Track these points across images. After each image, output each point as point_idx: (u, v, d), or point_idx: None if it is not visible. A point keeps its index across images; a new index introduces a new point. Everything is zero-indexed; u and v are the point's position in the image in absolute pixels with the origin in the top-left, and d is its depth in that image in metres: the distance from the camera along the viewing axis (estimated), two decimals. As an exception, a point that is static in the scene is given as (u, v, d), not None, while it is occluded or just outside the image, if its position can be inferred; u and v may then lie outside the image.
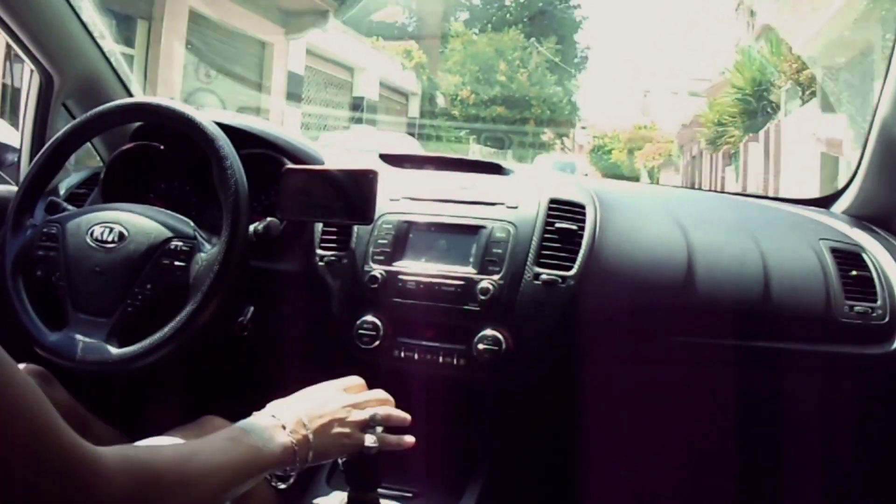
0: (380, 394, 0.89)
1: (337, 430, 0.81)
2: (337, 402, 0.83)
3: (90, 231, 1.05)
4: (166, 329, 0.99)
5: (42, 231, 1.08)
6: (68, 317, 1.03)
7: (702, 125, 15.98)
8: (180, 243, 1.03)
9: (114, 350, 0.99)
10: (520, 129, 21.10)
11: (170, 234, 1.04)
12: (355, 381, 0.89)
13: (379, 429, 0.84)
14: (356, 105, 14.05)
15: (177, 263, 1.02)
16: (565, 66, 23.15)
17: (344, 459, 0.84)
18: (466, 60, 21.20)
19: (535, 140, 21.54)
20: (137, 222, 1.05)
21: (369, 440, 0.82)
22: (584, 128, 26.77)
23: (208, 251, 1.03)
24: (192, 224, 1.07)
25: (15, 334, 1.01)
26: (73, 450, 0.58)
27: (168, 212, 1.09)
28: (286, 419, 0.78)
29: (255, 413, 0.80)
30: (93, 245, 1.04)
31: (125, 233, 1.04)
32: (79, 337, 1.01)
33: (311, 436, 0.78)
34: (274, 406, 0.81)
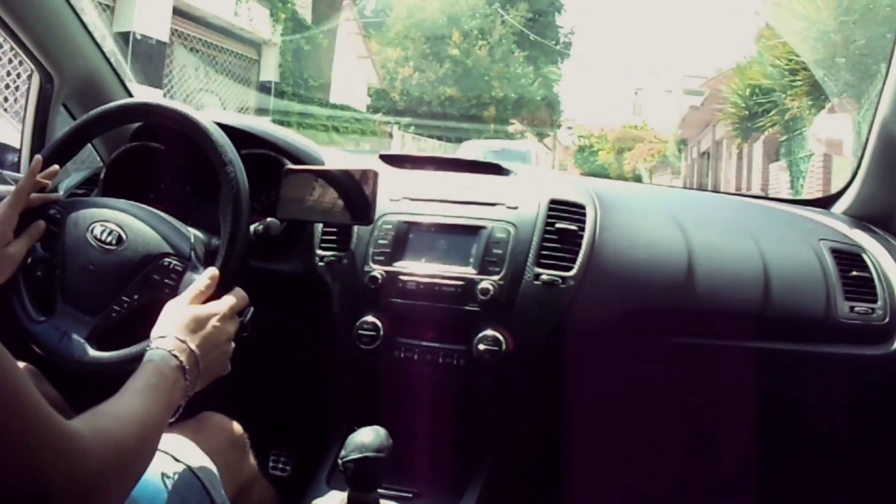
0: (230, 300, 0.94)
1: (218, 353, 0.90)
2: (210, 322, 0.89)
3: (91, 227, 1.04)
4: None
5: (46, 213, 1.07)
6: (56, 306, 1.03)
7: (723, 103, 10.47)
8: (175, 262, 1.02)
9: (91, 352, 0.99)
10: (475, 116, 16.32)
11: (167, 250, 1.03)
12: (204, 285, 0.94)
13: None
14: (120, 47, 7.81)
15: (166, 281, 1.01)
16: (542, 40, 18.86)
17: (344, 459, 0.84)
18: (410, 30, 16.96)
19: (500, 131, 17.06)
20: (138, 229, 1.04)
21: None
22: (569, 127, 25.63)
23: (200, 273, 1.02)
24: (192, 241, 1.06)
25: (4, 318, 1.01)
26: (53, 424, 0.59)
27: (172, 222, 1.07)
28: (182, 357, 0.83)
29: (153, 350, 0.83)
30: (91, 242, 1.04)
31: (123, 237, 1.03)
32: (62, 329, 1.00)
33: (200, 367, 0.86)
34: (167, 341, 0.84)
